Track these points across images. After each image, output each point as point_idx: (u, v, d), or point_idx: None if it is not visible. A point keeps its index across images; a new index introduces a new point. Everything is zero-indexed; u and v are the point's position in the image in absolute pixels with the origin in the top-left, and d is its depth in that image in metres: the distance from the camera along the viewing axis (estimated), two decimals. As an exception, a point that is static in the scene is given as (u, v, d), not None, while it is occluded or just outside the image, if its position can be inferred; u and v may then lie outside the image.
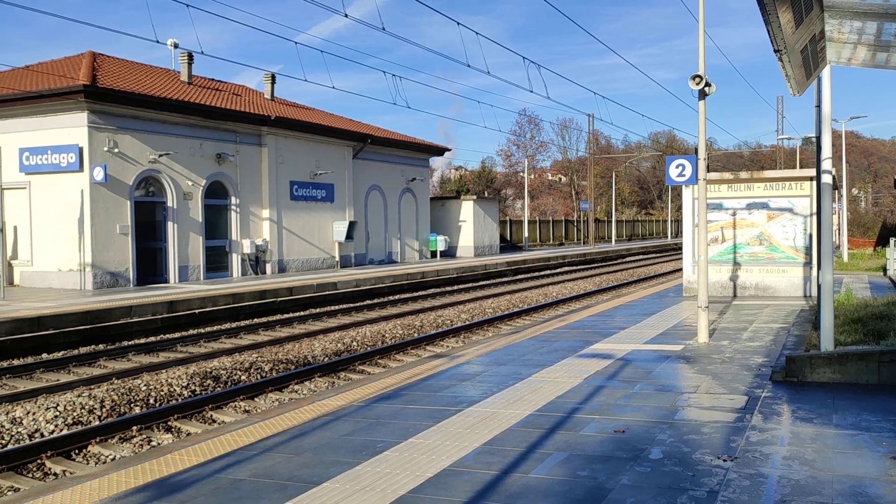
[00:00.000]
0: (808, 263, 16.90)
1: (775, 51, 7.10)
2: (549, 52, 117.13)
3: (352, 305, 21.54)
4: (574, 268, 38.30)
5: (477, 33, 19.18)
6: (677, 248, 53.99)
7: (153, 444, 8.97)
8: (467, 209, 40.94)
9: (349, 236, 30.56)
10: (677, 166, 11.43)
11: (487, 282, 30.34)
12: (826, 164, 9.93)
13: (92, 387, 11.23)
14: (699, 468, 5.31)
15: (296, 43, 52.18)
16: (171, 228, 23.68)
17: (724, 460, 5.48)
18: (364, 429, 6.66)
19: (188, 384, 11.54)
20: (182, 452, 6.05)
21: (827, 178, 10.11)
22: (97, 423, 9.64)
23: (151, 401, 10.76)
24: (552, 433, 6.33)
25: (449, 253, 39.78)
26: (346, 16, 15.73)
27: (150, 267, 23.34)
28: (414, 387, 8.42)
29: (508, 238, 54.00)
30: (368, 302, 22.55)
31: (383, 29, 16.87)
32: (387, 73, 56.65)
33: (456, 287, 27.49)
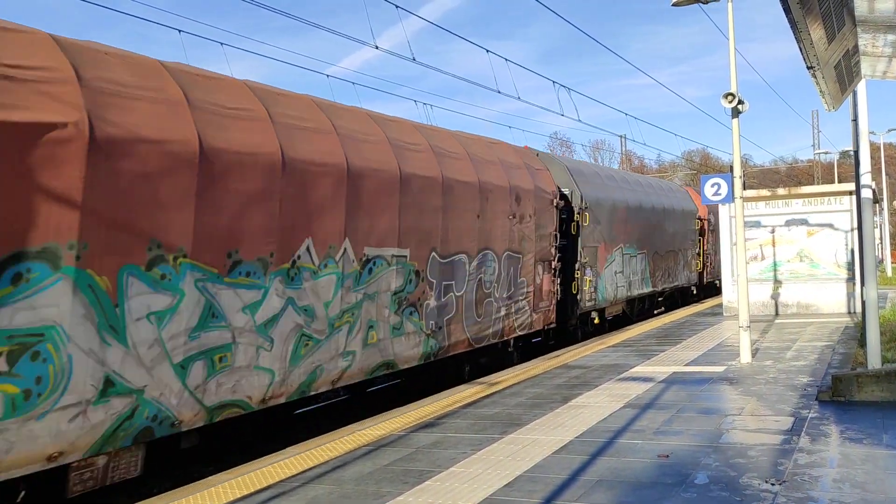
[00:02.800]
0: (850, 279, 16.58)
1: (808, 67, 7.05)
2: (579, 75, 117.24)
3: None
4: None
5: (506, 59, 19.28)
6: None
7: (195, 475, 9.03)
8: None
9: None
10: (713, 185, 11.34)
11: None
12: (865, 178, 9.79)
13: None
14: (747, 493, 5.21)
15: (327, 76, 53.01)
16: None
17: (773, 484, 5.36)
18: (405, 458, 6.65)
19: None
20: (226, 485, 6.10)
21: (867, 192, 9.94)
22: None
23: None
24: (595, 459, 6.26)
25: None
26: (377, 47, 15.95)
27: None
28: (454, 414, 8.40)
29: (543, 261, 53.68)
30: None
31: (413, 59, 17.04)
32: (417, 102, 57.22)
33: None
